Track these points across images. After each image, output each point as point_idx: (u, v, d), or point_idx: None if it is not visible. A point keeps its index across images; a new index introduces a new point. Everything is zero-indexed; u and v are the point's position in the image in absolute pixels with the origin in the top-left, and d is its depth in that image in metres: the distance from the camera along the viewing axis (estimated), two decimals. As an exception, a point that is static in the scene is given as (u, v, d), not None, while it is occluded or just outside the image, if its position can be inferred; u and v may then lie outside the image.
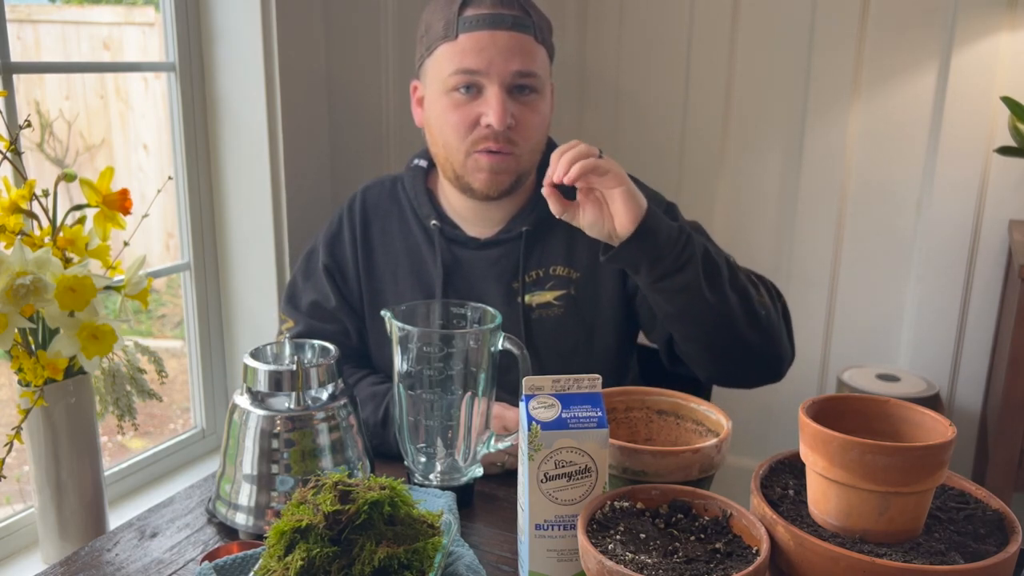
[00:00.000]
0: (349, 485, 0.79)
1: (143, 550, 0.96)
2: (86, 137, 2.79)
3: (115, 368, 1.12)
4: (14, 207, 1.01)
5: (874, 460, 0.73)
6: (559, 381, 0.83)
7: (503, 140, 1.17)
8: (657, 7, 2.36)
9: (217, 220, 1.58)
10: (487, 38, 1.15)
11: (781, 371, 1.21)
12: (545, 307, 1.25)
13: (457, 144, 1.19)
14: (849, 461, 0.74)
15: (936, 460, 0.73)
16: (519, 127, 1.18)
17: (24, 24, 2.54)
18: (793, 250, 2.34)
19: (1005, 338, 1.88)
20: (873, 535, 0.75)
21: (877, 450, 0.72)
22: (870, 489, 0.73)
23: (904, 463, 0.72)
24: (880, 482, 0.73)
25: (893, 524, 0.74)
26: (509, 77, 1.16)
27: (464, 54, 1.15)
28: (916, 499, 0.74)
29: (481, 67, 1.15)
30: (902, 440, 0.80)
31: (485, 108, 1.16)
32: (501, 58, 1.15)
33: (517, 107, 1.18)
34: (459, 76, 1.16)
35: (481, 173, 1.19)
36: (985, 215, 2.10)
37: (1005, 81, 2.01)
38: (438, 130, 1.21)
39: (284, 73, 1.50)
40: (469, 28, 1.15)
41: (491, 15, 1.16)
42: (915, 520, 0.75)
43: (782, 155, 2.31)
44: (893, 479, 0.72)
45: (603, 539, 0.75)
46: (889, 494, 0.73)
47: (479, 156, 1.18)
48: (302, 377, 0.98)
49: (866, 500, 0.74)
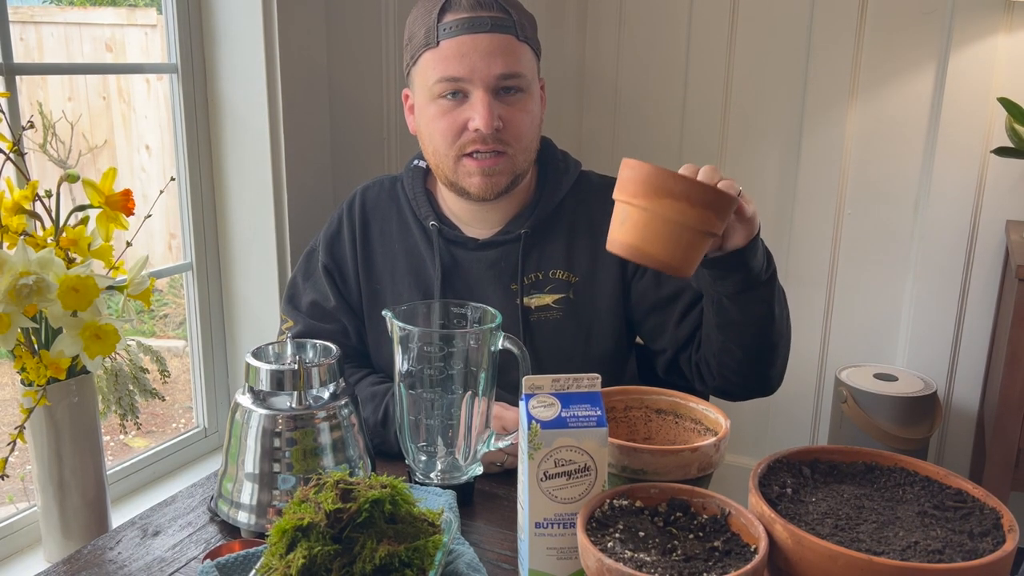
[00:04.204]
0: (350, 484, 0.79)
1: (145, 548, 0.97)
2: (89, 138, 2.80)
3: (118, 368, 1.12)
4: (17, 208, 1.02)
5: (623, 173, 0.94)
6: (559, 380, 0.84)
7: (492, 142, 1.18)
8: (657, 7, 2.37)
9: (219, 220, 1.59)
10: (468, 43, 1.15)
11: (777, 384, 1.25)
12: (544, 310, 1.26)
13: (446, 150, 1.19)
14: (618, 177, 0.95)
15: (662, 184, 0.90)
16: (508, 128, 1.18)
17: (27, 25, 2.55)
18: (791, 250, 2.35)
19: (1002, 338, 1.89)
20: (614, 243, 0.94)
21: (626, 164, 0.93)
22: (619, 199, 0.94)
23: (635, 176, 0.92)
24: (623, 192, 0.93)
25: (628, 236, 0.93)
26: (493, 80, 1.16)
27: (447, 61, 1.16)
28: (647, 217, 0.91)
29: (464, 74, 1.15)
30: None
31: (471, 113, 1.17)
32: (484, 62, 1.15)
33: (504, 108, 1.18)
34: (443, 84, 1.16)
35: (473, 177, 1.20)
36: (982, 215, 2.11)
37: (1002, 82, 2.02)
38: (428, 137, 1.22)
39: (286, 74, 1.50)
40: (449, 34, 1.16)
41: (469, 19, 1.16)
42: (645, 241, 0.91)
43: (780, 155, 2.32)
44: (628, 189, 0.92)
45: (602, 537, 0.75)
46: (625, 204, 0.93)
47: (468, 161, 1.19)
48: (304, 376, 0.99)
49: (616, 210, 0.95)
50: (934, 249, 2.16)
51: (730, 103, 2.34)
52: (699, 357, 1.23)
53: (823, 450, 0.86)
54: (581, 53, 2.48)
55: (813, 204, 2.30)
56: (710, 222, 0.92)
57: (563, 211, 1.28)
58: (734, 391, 1.23)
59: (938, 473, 0.84)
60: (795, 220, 2.33)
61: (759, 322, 1.12)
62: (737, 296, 1.09)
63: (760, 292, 1.09)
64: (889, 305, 2.28)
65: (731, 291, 1.08)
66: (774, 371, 1.20)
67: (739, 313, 1.11)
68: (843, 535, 0.74)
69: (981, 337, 2.17)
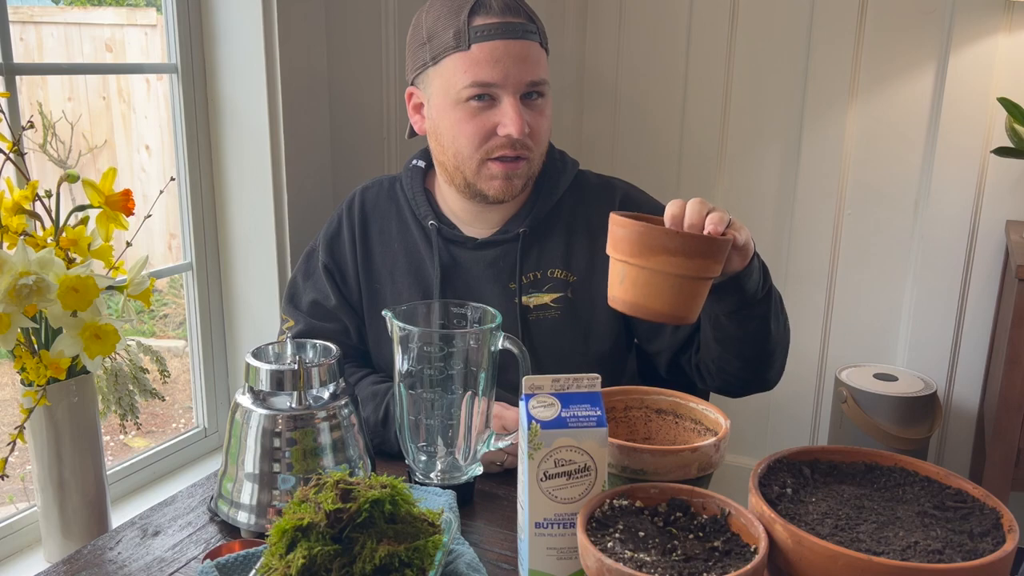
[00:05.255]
0: (350, 484, 0.79)
1: (145, 548, 0.97)
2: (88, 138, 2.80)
3: (118, 368, 1.12)
4: (17, 208, 1.02)
5: (614, 231, 0.93)
6: (558, 380, 0.84)
7: (520, 147, 1.18)
8: (657, 7, 2.37)
9: (219, 220, 1.59)
10: (501, 48, 1.15)
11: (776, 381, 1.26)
12: (542, 309, 1.26)
13: (471, 153, 1.19)
14: (609, 235, 0.94)
15: (655, 242, 0.89)
16: (532, 133, 1.19)
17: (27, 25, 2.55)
18: (791, 250, 2.35)
19: (1002, 338, 1.89)
20: (616, 301, 0.94)
21: (616, 222, 0.92)
22: (614, 257, 0.94)
23: (629, 235, 0.91)
24: (617, 250, 0.92)
25: (627, 293, 0.92)
26: (524, 87, 1.17)
27: (479, 65, 1.15)
28: (646, 275, 0.90)
29: (497, 79, 1.15)
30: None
31: (501, 118, 1.17)
32: (516, 69, 1.15)
33: (530, 114, 1.19)
34: (474, 88, 1.16)
35: (495, 180, 1.20)
36: (982, 216, 2.11)
37: (1002, 82, 2.02)
38: (450, 140, 1.21)
39: (286, 74, 1.50)
40: (482, 38, 1.15)
41: (503, 24, 1.16)
42: (646, 297, 0.91)
43: (780, 156, 2.32)
44: (623, 248, 0.91)
45: (602, 537, 0.75)
46: (622, 263, 0.92)
47: (493, 164, 1.19)
48: (304, 376, 0.99)
49: (613, 268, 0.94)
50: (934, 249, 2.17)
51: (730, 103, 2.34)
52: (698, 360, 1.25)
53: (823, 450, 0.87)
54: (581, 53, 2.48)
55: (813, 204, 2.30)
56: (708, 268, 0.93)
57: (561, 210, 1.28)
58: (733, 391, 1.26)
59: (938, 473, 0.84)
60: (795, 220, 2.33)
61: (756, 335, 1.13)
62: (734, 314, 1.10)
63: (757, 309, 1.10)
64: (889, 305, 2.28)
65: (728, 310, 1.09)
66: (772, 372, 1.22)
67: (736, 328, 1.12)
68: (843, 535, 0.74)
69: (981, 337, 2.17)
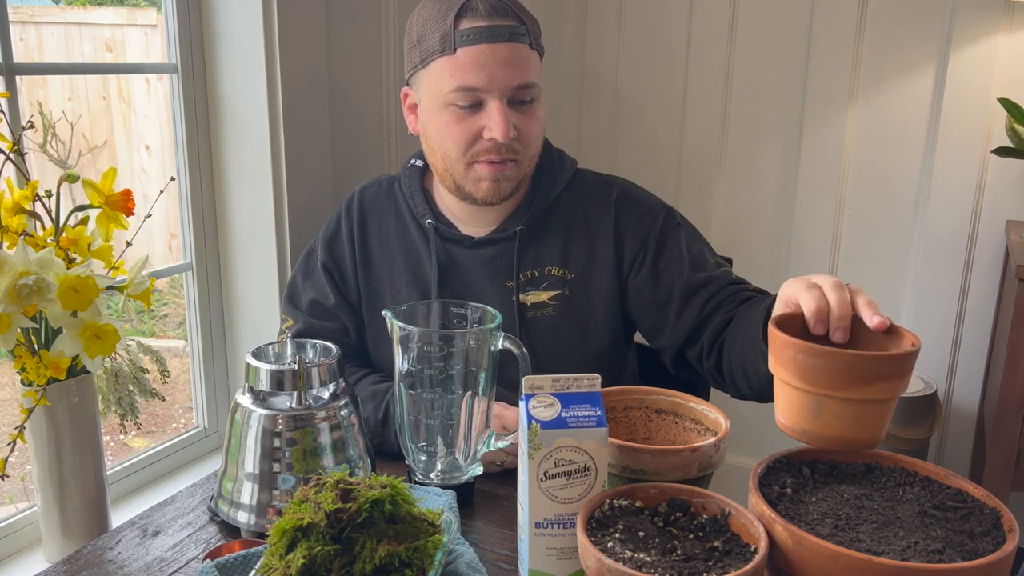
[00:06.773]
0: (350, 484, 0.79)
1: (145, 548, 0.97)
2: (89, 138, 2.80)
3: (118, 368, 1.12)
4: (17, 208, 1.02)
5: (805, 360, 0.77)
6: (558, 380, 0.84)
7: (506, 151, 1.18)
8: (657, 8, 2.37)
9: (219, 220, 1.59)
10: (487, 52, 1.14)
11: None
12: (540, 307, 1.26)
13: (458, 156, 1.19)
14: (787, 360, 0.78)
15: (869, 371, 0.75)
16: (520, 136, 1.18)
17: (27, 25, 2.55)
18: (791, 250, 2.35)
19: (1002, 338, 1.89)
20: (811, 437, 0.79)
21: (808, 351, 0.77)
22: (803, 388, 0.78)
23: (832, 367, 0.76)
24: (811, 383, 0.77)
25: (828, 428, 0.78)
26: (510, 91, 1.16)
27: (464, 70, 1.14)
28: (852, 407, 0.76)
29: (482, 84, 1.15)
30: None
31: (487, 122, 1.16)
32: (502, 73, 1.15)
33: (517, 117, 1.18)
34: (459, 93, 1.15)
35: (483, 183, 1.20)
36: (982, 215, 2.11)
37: (1002, 82, 2.02)
38: (438, 142, 1.21)
39: (286, 74, 1.50)
40: (467, 42, 1.14)
41: (488, 28, 1.15)
42: (853, 430, 0.78)
43: (780, 155, 2.32)
44: (823, 381, 0.76)
45: (602, 537, 0.75)
46: (820, 396, 0.77)
47: (480, 167, 1.19)
48: (304, 376, 0.99)
49: (801, 400, 0.78)
50: (934, 249, 2.17)
51: (730, 103, 2.34)
52: (720, 362, 1.20)
53: (823, 450, 0.86)
54: (581, 53, 2.48)
55: (813, 204, 2.30)
56: (908, 381, 0.81)
57: (559, 209, 1.28)
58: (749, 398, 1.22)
59: (938, 473, 0.84)
60: (795, 220, 2.33)
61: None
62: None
63: None
64: (889, 305, 2.27)
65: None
66: None
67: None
68: (843, 535, 0.74)
69: (981, 337, 2.17)
